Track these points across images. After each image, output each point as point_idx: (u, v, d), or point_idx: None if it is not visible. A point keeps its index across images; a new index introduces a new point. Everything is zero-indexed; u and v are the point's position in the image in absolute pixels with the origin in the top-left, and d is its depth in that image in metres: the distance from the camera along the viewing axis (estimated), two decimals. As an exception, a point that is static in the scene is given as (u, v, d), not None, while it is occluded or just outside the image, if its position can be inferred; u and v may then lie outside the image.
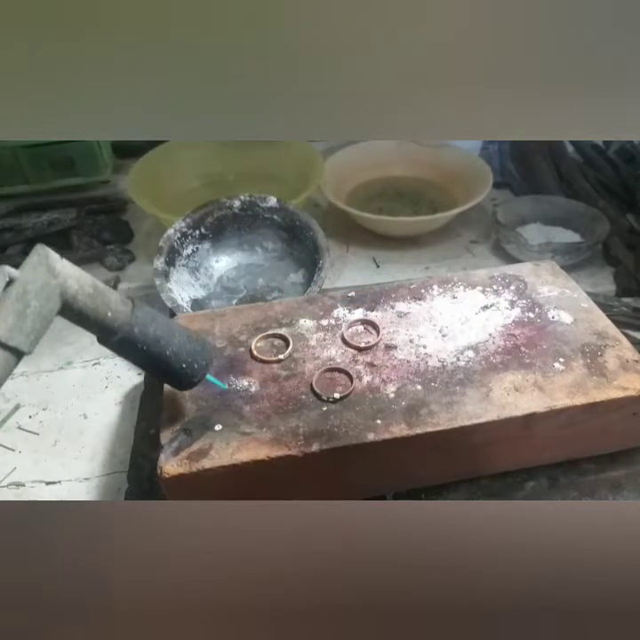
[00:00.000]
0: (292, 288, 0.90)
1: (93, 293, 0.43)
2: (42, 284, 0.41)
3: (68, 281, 0.42)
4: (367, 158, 1.19)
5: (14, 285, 0.40)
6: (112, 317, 0.44)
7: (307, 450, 0.50)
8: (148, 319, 0.47)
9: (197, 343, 0.50)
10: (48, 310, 0.41)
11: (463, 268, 1.01)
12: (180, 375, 0.49)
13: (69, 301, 0.42)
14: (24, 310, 0.39)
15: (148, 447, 0.63)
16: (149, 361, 0.48)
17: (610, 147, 1.25)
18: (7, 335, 0.38)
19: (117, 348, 0.47)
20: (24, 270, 0.41)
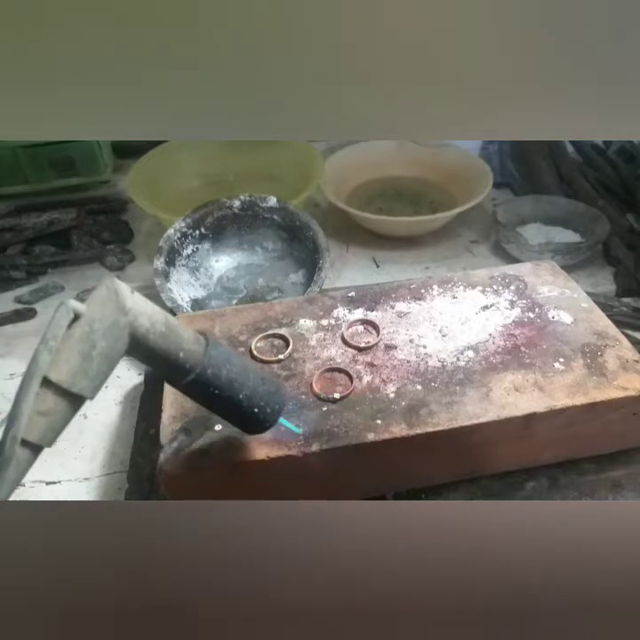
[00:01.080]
0: (291, 288, 0.90)
1: (165, 332, 0.39)
2: (110, 323, 0.36)
3: (139, 319, 0.38)
4: (367, 158, 1.19)
5: (80, 323, 0.36)
6: (184, 358, 0.40)
7: (307, 450, 0.50)
8: (222, 360, 0.43)
9: (271, 385, 0.46)
10: (115, 351, 0.37)
11: (463, 267, 1.01)
12: (253, 420, 0.46)
13: (139, 341, 0.38)
14: (90, 352, 0.35)
15: (148, 447, 0.63)
16: (221, 404, 0.44)
17: (610, 147, 1.25)
18: (70, 381, 0.35)
19: (187, 390, 0.43)
20: (91, 306, 0.37)
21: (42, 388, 0.34)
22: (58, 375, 0.34)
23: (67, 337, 0.35)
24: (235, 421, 0.47)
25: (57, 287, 1.00)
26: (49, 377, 0.34)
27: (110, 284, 0.38)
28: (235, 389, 0.43)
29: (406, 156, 1.20)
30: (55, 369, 0.34)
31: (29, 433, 0.34)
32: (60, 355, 0.34)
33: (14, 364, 0.87)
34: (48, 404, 0.34)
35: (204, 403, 0.45)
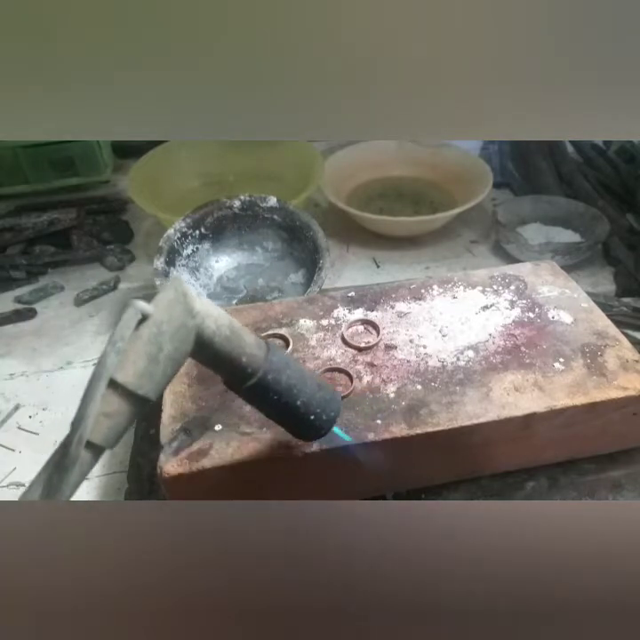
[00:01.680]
0: (291, 288, 0.90)
1: (230, 335, 0.39)
2: (178, 325, 0.36)
3: (206, 321, 0.37)
4: (367, 158, 1.19)
5: (147, 324, 0.35)
6: (246, 362, 0.40)
7: (307, 450, 0.50)
8: (282, 365, 0.42)
9: (327, 392, 0.46)
10: (181, 354, 0.36)
11: (463, 267, 1.01)
12: (309, 426, 0.45)
13: (205, 344, 0.38)
14: (157, 354, 0.35)
15: (148, 447, 0.63)
16: (279, 410, 0.44)
17: (610, 147, 1.25)
18: (137, 383, 0.34)
19: (246, 395, 0.43)
20: (158, 307, 0.36)
21: (108, 390, 0.33)
22: (124, 377, 0.34)
23: (134, 338, 0.34)
24: (291, 427, 0.47)
25: (57, 287, 1.00)
26: (115, 378, 0.33)
27: (178, 286, 0.37)
28: (293, 395, 0.43)
29: (406, 156, 1.20)
30: (122, 370, 0.34)
31: (93, 435, 0.33)
32: (127, 356, 0.34)
33: (14, 364, 0.87)
34: (113, 406, 0.34)
35: (262, 408, 0.45)
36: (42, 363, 0.87)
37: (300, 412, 0.44)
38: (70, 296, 0.98)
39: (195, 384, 0.57)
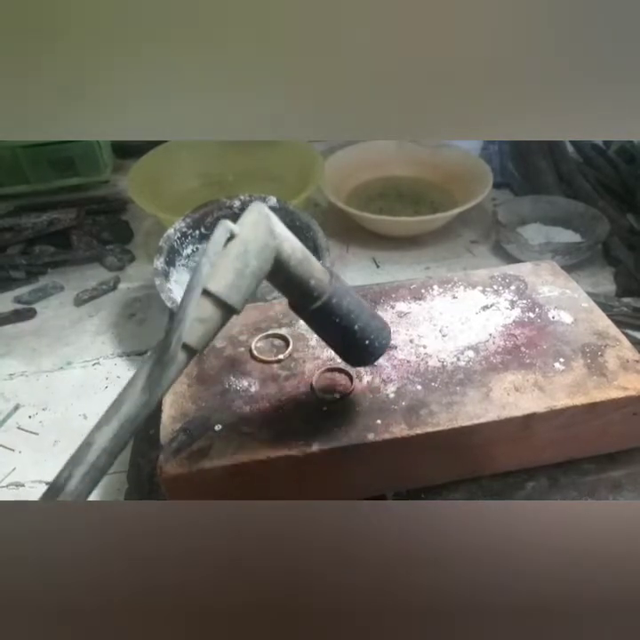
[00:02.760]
0: (292, 288, 0.90)
1: (302, 259, 0.43)
2: (262, 245, 0.40)
3: (284, 244, 0.41)
4: (367, 158, 1.19)
5: (236, 242, 0.39)
6: (314, 285, 0.44)
7: (307, 450, 0.50)
8: (344, 291, 0.46)
9: (380, 321, 0.50)
10: (262, 272, 0.40)
11: (463, 268, 1.01)
12: (362, 351, 0.49)
13: (281, 264, 0.41)
14: (243, 270, 0.39)
15: (148, 447, 0.63)
16: (338, 334, 0.48)
17: (610, 146, 1.25)
18: (226, 293, 0.38)
19: (311, 318, 0.46)
20: (244, 227, 0.41)
21: (201, 298, 0.37)
22: (216, 287, 0.38)
23: (224, 254, 0.38)
24: (346, 352, 0.50)
25: (57, 287, 1.00)
26: (208, 288, 0.37)
27: (262, 210, 0.41)
28: (352, 320, 0.46)
29: (406, 156, 1.20)
30: (214, 282, 0.38)
31: (188, 337, 0.37)
32: (218, 270, 0.38)
33: (14, 364, 0.87)
34: (206, 313, 0.38)
35: (324, 331, 0.49)
36: (41, 363, 0.87)
37: (356, 336, 0.47)
38: (70, 296, 0.99)
39: (195, 384, 0.57)
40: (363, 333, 0.47)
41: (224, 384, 0.56)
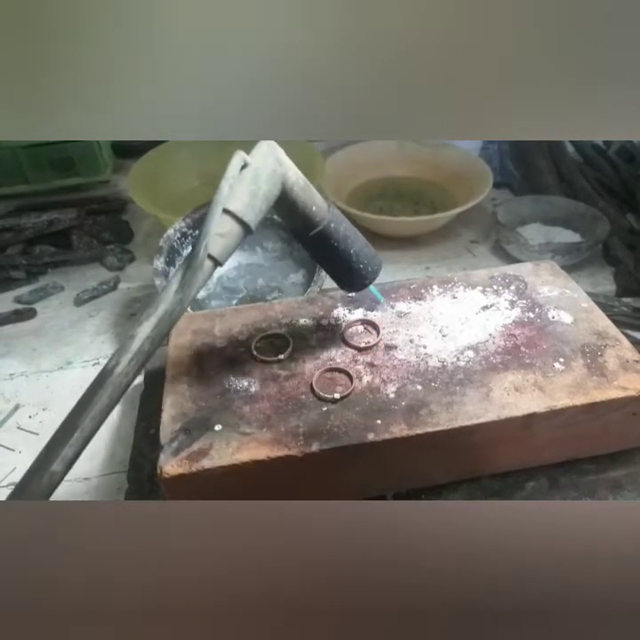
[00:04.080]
0: (292, 288, 0.90)
1: (304, 186, 0.49)
2: (271, 171, 0.46)
3: (289, 172, 0.48)
4: (367, 158, 1.19)
5: (249, 169, 0.46)
6: (315, 211, 0.50)
7: (307, 450, 0.50)
8: (341, 218, 0.52)
9: (371, 249, 0.56)
10: (272, 195, 0.47)
11: (463, 268, 1.01)
12: (358, 275, 0.55)
13: (287, 190, 0.48)
14: (256, 192, 0.45)
15: (148, 447, 0.63)
16: (337, 257, 0.53)
17: (610, 146, 1.25)
18: (243, 211, 0.44)
19: (313, 243, 0.52)
20: (256, 157, 0.47)
21: (222, 216, 0.44)
22: (234, 206, 0.44)
23: (240, 179, 0.45)
24: (342, 276, 0.56)
25: (57, 287, 1.00)
26: (228, 207, 0.44)
27: (270, 143, 0.48)
28: (348, 245, 0.53)
29: (406, 156, 1.20)
30: (232, 202, 0.44)
31: (213, 249, 0.43)
32: (235, 192, 0.45)
33: (14, 364, 0.87)
34: (225, 228, 0.44)
35: (323, 256, 0.54)
36: (42, 363, 0.87)
37: (352, 259, 0.53)
38: (70, 296, 0.99)
39: (195, 384, 0.57)
40: (358, 257, 0.54)
41: (224, 384, 0.56)
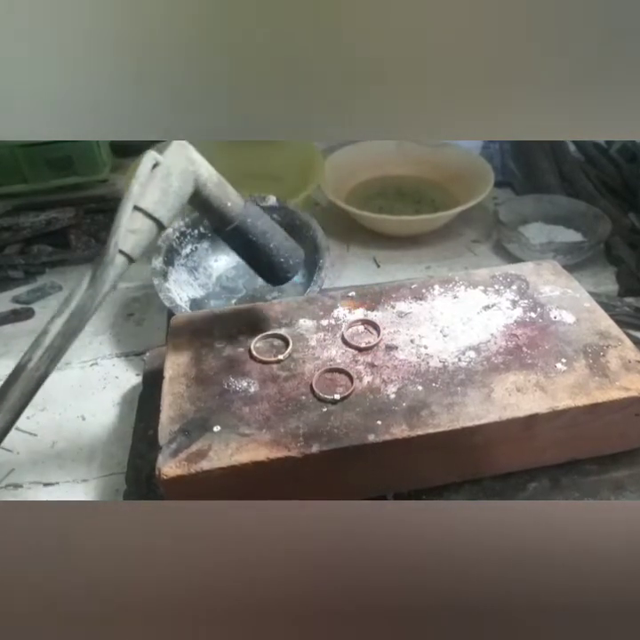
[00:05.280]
0: (292, 288, 0.89)
1: (218, 183, 0.51)
2: (182, 169, 0.48)
3: (201, 169, 0.50)
4: (367, 157, 1.19)
5: (160, 167, 0.48)
6: (230, 207, 0.52)
7: (306, 451, 0.49)
8: (258, 213, 0.54)
9: (293, 242, 0.57)
10: (184, 192, 0.49)
11: (464, 267, 1.01)
12: (279, 269, 0.56)
13: (200, 187, 0.50)
14: (167, 189, 0.47)
15: (147, 448, 0.63)
16: (255, 252, 0.55)
17: (612, 146, 1.25)
18: (153, 208, 0.47)
19: (230, 238, 0.54)
20: (167, 156, 0.49)
21: (133, 213, 0.46)
22: (145, 204, 0.46)
23: (151, 177, 0.47)
24: (264, 270, 0.57)
25: (55, 287, 1.00)
26: (138, 204, 0.46)
27: (182, 142, 0.50)
28: (267, 239, 0.54)
29: (406, 155, 1.20)
30: (142, 199, 0.46)
31: (124, 245, 0.46)
32: (146, 190, 0.47)
33: (12, 364, 0.86)
34: (137, 225, 0.46)
35: (243, 250, 0.56)
36: (40, 363, 0.86)
37: (272, 253, 0.55)
38: (69, 296, 0.98)
39: (193, 385, 0.56)
40: (278, 251, 0.55)
41: (223, 385, 0.56)
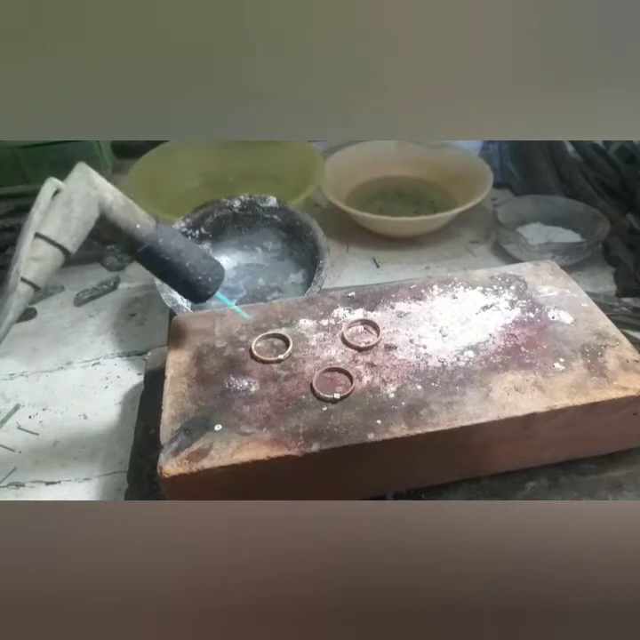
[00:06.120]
0: (292, 288, 0.90)
1: (125, 206, 0.50)
2: (84, 194, 0.48)
3: (105, 193, 0.49)
4: (367, 158, 1.19)
5: (61, 194, 0.47)
6: (140, 229, 0.51)
7: (307, 450, 0.50)
8: (170, 233, 0.54)
9: (212, 260, 0.57)
10: (89, 217, 0.48)
11: (463, 267, 1.01)
12: (197, 287, 0.56)
13: (105, 211, 0.49)
14: (69, 215, 0.46)
15: (148, 447, 0.63)
16: (171, 271, 0.54)
17: (610, 146, 1.25)
18: (56, 235, 0.46)
19: (143, 258, 0.53)
20: (69, 182, 0.48)
21: (35, 240, 0.45)
22: (47, 231, 0.46)
23: (52, 204, 0.46)
24: (182, 289, 0.57)
25: (57, 287, 1.00)
26: (40, 232, 0.45)
27: (83, 167, 0.49)
28: (182, 258, 0.54)
29: (406, 156, 1.20)
30: (44, 226, 0.46)
31: (27, 273, 0.45)
32: (48, 217, 0.46)
33: (14, 364, 0.87)
34: (40, 252, 0.45)
35: (158, 270, 0.55)
36: (42, 363, 0.87)
37: (189, 272, 0.55)
38: (70, 296, 0.98)
39: (195, 384, 0.57)
40: (195, 270, 0.55)
41: (224, 384, 0.56)
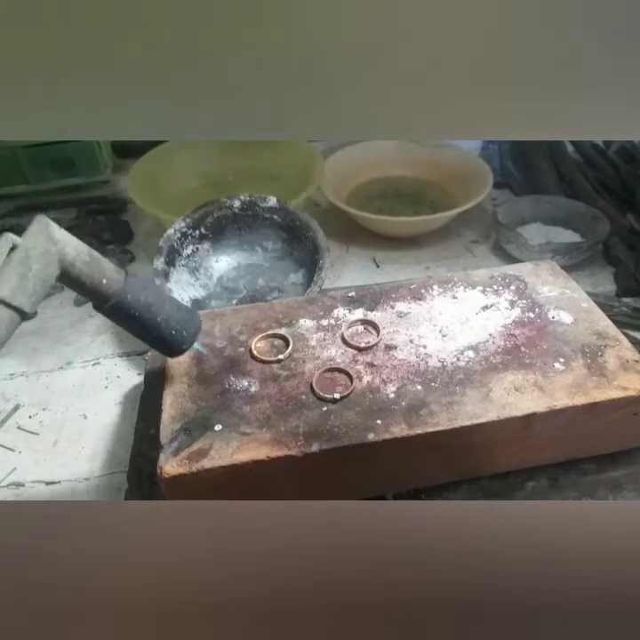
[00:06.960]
0: (292, 288, 0.90)
1: (89, 261, 0.46)
2: (42, 250, 0.43)
3: (66, 248, 0.45)
4: (367, 158, 1.19)
5: (17, 251, 0.43)
6: (106, 284, 0.47)
7: (307, 450, 0.50)
8: (140, 287, 0.50)
9: (186, 312, 0.53)
10: (48, 274, 0.44)
11: (463, 268, 1.01)
12: (170, 342, 0.52)
13: (67, 267, 0.45)
14: (26, 273, 0.42)
15: (148, 447, 0.63)
16: (141, 327, 0.51)
17: (610, 146, 1.25)
18: (11, 296, 0.42)
19: (111, 314, 0.49)
20: (26, 238, 0.44)
21: None
22: (1, 292, 0.41)
23: (7, 262, 0.42)
24: (155, 344, 0.53)
25: (57, 287, 1.00)
26: None
27: (41, 220, 0.45)
28: (153, 313, 0.50)
29: (406, 156, 1.20)
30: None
31: None
32: (2, 276, 0.42)
33: (14, 364, 0.87)
34: None
35: (127, 326, 0.51)
36: (42, 363, 0.87)
37: (160, 327, 0.51)
38: (70, 296, 0.98)
39: (195, 384, 0.57)
40: (167, 324, 0.51)
41: (224, 384, 0.56)
